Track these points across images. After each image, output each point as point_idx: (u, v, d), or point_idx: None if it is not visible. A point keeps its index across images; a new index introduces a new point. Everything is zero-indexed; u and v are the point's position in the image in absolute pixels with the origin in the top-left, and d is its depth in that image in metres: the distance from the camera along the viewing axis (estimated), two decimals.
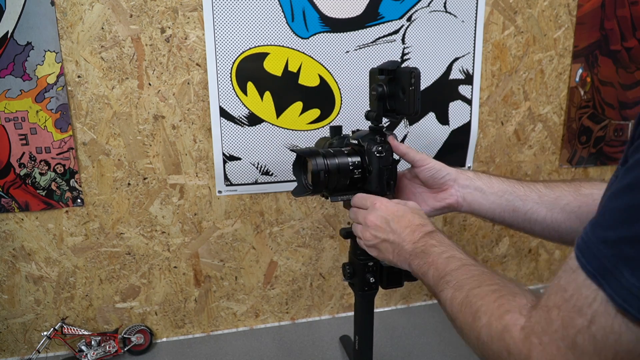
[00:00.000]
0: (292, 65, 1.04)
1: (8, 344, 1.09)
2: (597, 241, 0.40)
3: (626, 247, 0.38)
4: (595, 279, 0.39)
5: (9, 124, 0.96)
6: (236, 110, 1.04)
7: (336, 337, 1.16)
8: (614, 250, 0.38)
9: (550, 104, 1.25)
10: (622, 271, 0.37)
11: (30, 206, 1.01)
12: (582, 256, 0.41)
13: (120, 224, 1.06)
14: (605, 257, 0.39)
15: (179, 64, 1.00)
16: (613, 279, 0.38)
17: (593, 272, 0.39)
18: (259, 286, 1.19)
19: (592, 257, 0.40)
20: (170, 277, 1.13)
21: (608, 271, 0.38)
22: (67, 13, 0.93)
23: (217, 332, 1.20)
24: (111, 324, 1.13)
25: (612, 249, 0.38)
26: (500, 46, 1.17)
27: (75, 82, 0.97)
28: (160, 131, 1.03)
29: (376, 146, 0.79)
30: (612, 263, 0.38)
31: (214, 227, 1.12)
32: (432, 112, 1.16)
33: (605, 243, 0.39)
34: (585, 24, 1.20)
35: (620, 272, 0.37)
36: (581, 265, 0.41)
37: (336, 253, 1.22)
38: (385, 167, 0.79)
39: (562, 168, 1.31)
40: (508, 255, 1.36)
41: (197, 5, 0.98)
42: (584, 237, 0.42)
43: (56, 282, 1.07)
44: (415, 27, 1.09)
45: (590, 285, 0.39)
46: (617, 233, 0.39)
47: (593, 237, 0.41)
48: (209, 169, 1.08)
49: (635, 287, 0.36)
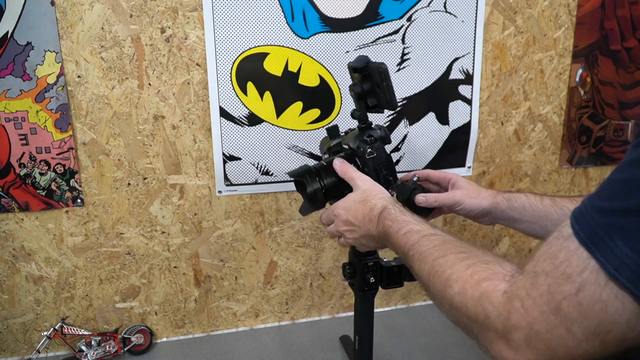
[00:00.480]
0: (292, 65, 1.04)
1: (8, 344, 1.09)
2: (593, 210, 0.40)
3: (621, 218, 0.38)
4: (587, 246, 0.39)
5: (9, 124, 0.96)
6: (236, 110, 1.04)
7: (336, 337, 1.16)
8: (608, 220, 0.38)
9: (550, 104, 1.25)
10: (615, 240, 0.37)
11: (30, 206, 1.01)
12: (576, 223, 0.41)
13: (120, 224, 1.06)
14: (599, 226, 0.39)
15: (179, 64, 1.00)
16: (605, 247, 0.38)
17: (585, 240, 0.39)
18: (259, 286, 1.19)
19: (585, 224, 0.40)
20: (170, 277, 1.13)
21: (600, 239, 0.38)
22: (67, 13, 0.93)
23: (217, 332, 1.20)
24: (111, 324, 1.13)
25: (606, 218, 0.39)
26: (500, 46, 1.17)
27: (75, 82, 0.97)
28: (160, 131, 1.03)
29: (366, 147, 0.78)
30: (605, 231, 0.38)
31: (214, 227, 1.12)
32: (432, 112, 1.16)
33: (600, 212, 0.39)
34: (585, 24, 1.20)
35: (613, 241, 0.37)
36: (574, 232, 0.41)
37: (336, 253, 1.22)
38: (379, 165, 0.79)
39: (562, 168, 1.31)
40: (508, 255, 1.35)
41: (197, 5, 0.98)
42: (581, 206, 0.42)
43: (56, 282, 1.07)
44: (415, 27, 1.09)
45: (582, 253, 0.39)
46: (613, 204, 0.39)
47: (589, 206, 0.41)
48: (209, 169, 1.08)
49: (627, 257, 0.36)
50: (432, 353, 1.10)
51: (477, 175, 1.25)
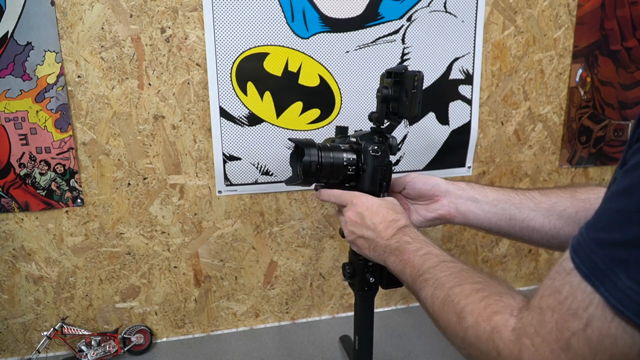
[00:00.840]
0: (292, 65, 1.04)
1: (8, 344, 1.09)
2: (591, 242, 0.40)
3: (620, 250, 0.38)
4: (590, 281, 0.39)
5: (9, 124, 0.96)
6: (236, 110, 1.04)
7: (336, 337, 1.16)
8: (607, 252, 0.38)
9: (550, 104, 1.25)
10: (617, 273, 0.37)
11: (30, 206, 1.01)
12: (576, 257, 0.41)
13: (120, 224, 1.06)
14: (599, 259, 0.38)
15: (179, 64, 1.00)
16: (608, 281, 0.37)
17: (587, 274, 0.39)
18: (259, 286, 1.19)
19: (586, 258, 0.40)
20: (170, 277, 1.13)
21: (602, 273, 0.38)
22: (67, 13, 0.93)
23: (217, 332, 1.20)
24: (111, 324, 1.13)
25: (605, 251, 0.38)
26: (500, 46, 1.17)
27: (75, 82, 0.97)
28: (160, 131, 1.03)
29: (372, 145, 0.79)
30: (606, 265, 0.38)
31: (214, 227, 1.12)
32: (432, 112, 1.16)
33: (599, 245, 0.39)
34: (585, 24, 1.20)
35: (616, 274, 0.37)
36: (575, 266, 0.40)
37: (336, 253, 1.22)
38: (379, 166, 0.79)
39: (562, 168, 1.31)
40: (508, 255, 1.36)
41: (197, 5, 0.98)
42: (579, 237, 0.42)
43: (56, 282, 1.07)
44: (415, 27, 1.09)
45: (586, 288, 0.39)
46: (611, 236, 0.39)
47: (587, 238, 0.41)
48: (209, 169, 1.08)
49: (631, 290, 0.36)
50: (432, 353, 1.10)
51: (477, 175, 1.25)
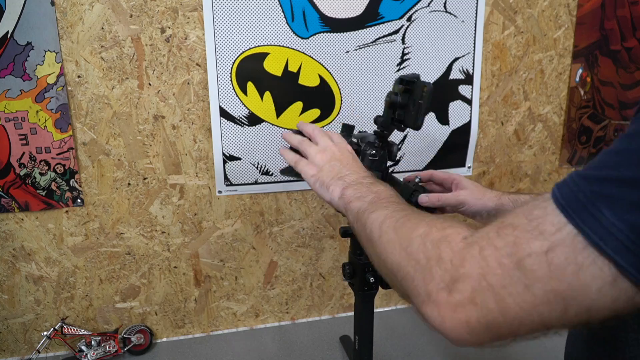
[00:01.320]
0: (292, 65, 1.04)
1: (8, 344, 1.09)
2: (578, 178, 0.38)
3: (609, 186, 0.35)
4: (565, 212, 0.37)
5: (9, 124, 0.96)
6: (236, 110, 1.04)
7: (336, 337, 1.16)
8: (594, 187, 0.36)
9: (550, 104, 1.25)
10: (600, 208, 0.35)
11: (30, 206, 1.01)
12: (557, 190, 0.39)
13: (120, 224, 1.06)
14: (581, 192, 0.37)
15: (179, 64, 1.00)
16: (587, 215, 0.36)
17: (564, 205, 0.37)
18: (259, 286, 1.19)
19: (567, 191, 0.38)
20: (170, 277, 1.13)
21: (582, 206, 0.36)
22: (67, 13, 0.93)
23: (217, 332, 1.20)
24: (111, 324, 1.13)
25: (592, 186, 0.36)
26: (500, 46, 1.17)
27: (75, 82, 0.97)
28: (160, 131, 1.03)
29: (371, 149, 0.78)
30: (588, 199, 0.36)
31: (214, 227, 1.12)
32: (432, 112, 1.16)
33: (585, 179, 0.37)
34: (585, 24, 1.20)
35: (598, 210, 0.35)
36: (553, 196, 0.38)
37: (336, 253, 1.22)
38: (376, 170, 0.79)
39: (562, 168, 1.31)
40: None
41: (197, 5, 0.98)
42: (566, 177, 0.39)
43: (56, 282, 1.07)
44: (415, 27, 1.09)
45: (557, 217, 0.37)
46: (601, 172, 0.37)
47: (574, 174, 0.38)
48: (209, 169, 1.08)
49: (614, 227, 0.34)
50: (432, 353, 1.10)
51: (477, 175, 1.25)
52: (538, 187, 1.30)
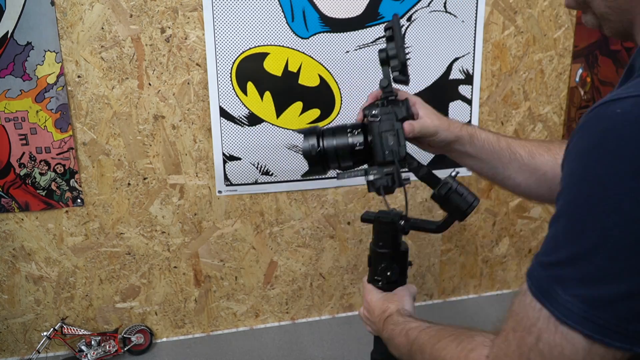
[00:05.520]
0: (292, 65, 1.04)
1: (8, 344, 1.09)
2: (538, 265, 0.45)
3: (556, 269, 0.43)
4: (539, 299, 0.44)
5: (9, 124, 0.96)
6: (236, 110, 1.04)
7: (336, 337, 1.16)
8: (548, 272, 0.44)
9: (550, 104, 1.25)
10: (556, 290, 0.42)
11: (30, 206, 1.01)
12: (529, 279, 0.46)
13: (120, 224, 1.06)
14: (542, 279, 0.44)
15: (179, 64, 1.00)
16: (551, 298, 0.43)
17: (536, 293, 0.44)
18: (259, 286, 1.19)
19: (534, 279, 0.45)
20: (170, 277, 1.13)
21: (545, 290, 0.43)
22: (67, 13, 0.93)
23: (217, 332, 1.19)
24: (111, 324, 1.13)
25: (546, 271, 0.44)
26: (500, 46, 1.17)
27: (75, 82, 0.97)
28: (160, 131, 1.03)
29: (371, 110, 0.72)
30: (547, 283, 0.43)
31: (214, 227, 1.12)
32: None
33: (542, 266, 0.45)
34: None
35: (555, 291, 0.42)
36: (528, 287, 0.45)
37: (336, 253, 1.22)
38: (386, 132, 0.72)
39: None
40: (508, 255, 1.35)
41: (197, 5, 0.98)
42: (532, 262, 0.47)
43: (56, 282, 1.07)
44: (415, 27, 1.09)
45: (535, 305, 0.44)
46: (549, 258, 0.44)
47: (536, 262, 0.46)
48: (209, 169, 1.08)
49: (569, 303, 0.41)
50: None
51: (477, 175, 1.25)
52: None
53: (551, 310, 0.42)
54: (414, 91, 1.13)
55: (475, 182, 1.25)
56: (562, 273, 0.42)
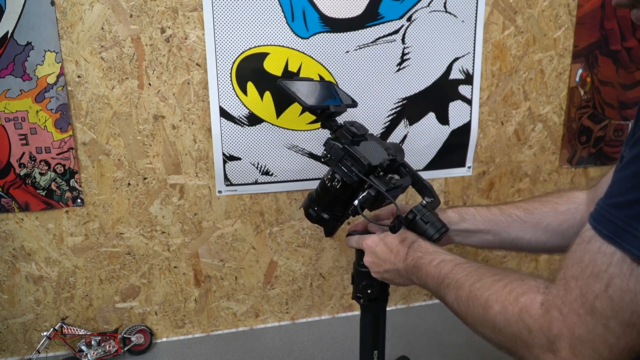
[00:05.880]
0: (292, 65, 1.04)
1: (8, 344, 1.09)
2: (609, 207, 0.43)
3: (636, 208, 0.41)
4: (612, 240, 0.42)
5: (9, 124, 0.96)
6: (236, 110, 1.04)
7: (336, 337, 1.16)
8: (626, 212, 0.42)
9: (550, 104, 1.25)
10: (636, 227, 0.40)
11: (30, 206, 1.01)
12: (596, 224, 0.44)
13: (120, 224, 1.06)
14: (618, 219, 0.42)
15: (179, 64, 1.00)
16: (628, 235, 0.41)
17: (609, 235, 0.42)
18: (259, 286, 1.19)
19: (606, 221, 0.43)
20: (170, 277, 1.13)
21: (622, 230, 0.41)
22: (67, 13, 0.93)
23: (217, 332, 1.20)
24: (111, 324, 1.13)
25: (624, 211, 0.42)
26: (500, 46, 1.17)
27: (75, 82, 0.97)
28: (160, 131, 1.03)
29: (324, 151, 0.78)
30: (625, 222, 0.41)
31: (214, 227, 1.12)
32: (432, 112, 1.16)
33: (616, 207, 0.43)
34: (585, 24, 1.20)
35: (635, 228, 0.40)
36: (597, 231, 0.43)
37: (336, 253, 1.22)
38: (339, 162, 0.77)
39: (562, 168, 1.31)
40: (508, 255, 1.35)
41: (197, 5, 0.98)
42: (597, 207, 0.44)
43: (56, 282, 1.07)
44: (415, 27, 1.09)
45: (606, 250, 0.42)
46: (626, 197, 0.42)
47: (604, 205, 0.44)
48: (209, 169, 1.08)
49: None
50: (432, 353, 1.10)
51: (477, 175, 1.25)
52: (538, 187, 1.30)
53: (628, 249, 0.40)
54: (415, 91, 1.13)
55: (475, 182, 1.25)
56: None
